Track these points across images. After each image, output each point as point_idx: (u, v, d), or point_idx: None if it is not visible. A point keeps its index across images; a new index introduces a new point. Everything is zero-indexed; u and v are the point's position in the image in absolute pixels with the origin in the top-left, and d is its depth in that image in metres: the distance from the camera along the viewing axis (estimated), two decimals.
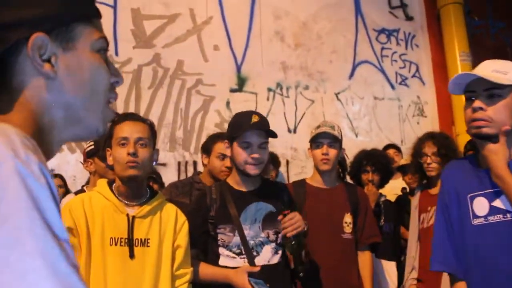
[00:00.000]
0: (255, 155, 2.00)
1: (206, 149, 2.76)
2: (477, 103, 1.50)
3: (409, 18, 5.94)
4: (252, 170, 2.01)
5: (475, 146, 2.93)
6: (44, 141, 0.68)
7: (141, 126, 1.76)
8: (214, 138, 2.77)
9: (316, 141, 2.54)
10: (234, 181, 2.13)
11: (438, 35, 5.90)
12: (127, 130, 1.72)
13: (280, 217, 1.96)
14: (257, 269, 1.90)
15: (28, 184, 0.50)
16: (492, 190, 1.54)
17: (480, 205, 1.57)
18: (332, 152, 2.51)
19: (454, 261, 1.67)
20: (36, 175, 0.52)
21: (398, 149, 4.04)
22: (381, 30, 5.68)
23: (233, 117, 2.18)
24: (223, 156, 2.62)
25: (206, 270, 2.01)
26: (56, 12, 0.67)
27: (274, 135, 2.06)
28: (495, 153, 1.47)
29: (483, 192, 1.57)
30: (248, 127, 2.00)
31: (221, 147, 2.61)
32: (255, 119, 2.03)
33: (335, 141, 2.51)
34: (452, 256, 1.68)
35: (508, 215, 1.50)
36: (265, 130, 2.03)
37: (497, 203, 1.53)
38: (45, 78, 0.67)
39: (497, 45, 6.32)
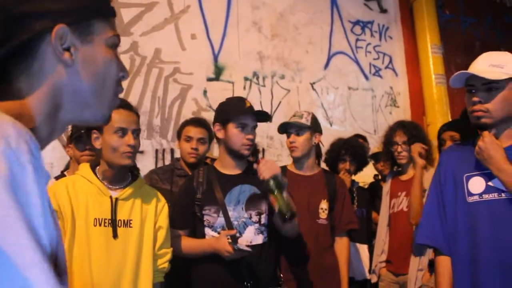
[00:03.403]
0: (250, 136, 2.11)
1: (178, 134, 2.92)
2: (476, 98, 1.64)
3: (383, 10, 6.06)
4: (246, 151, 2.12)
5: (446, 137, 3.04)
6: (51, 121, 0.76)
7: (135, 117, 1.84)
8: (184, 123, 2.93)
9: (286, 131, 2.66)
10: (221, 165, 2.22)
11: (411, 28, 6.04)
12: (125, 120, 1.79)
13: (255, 165, 2.05)
14: (234, 232, 2.00)
15: (13, 172, 0.55)
16: (489, 171, 1.64)
17: (476, 184, 1.68)
18: (299, 139, 2.61)
19: (441, 237, 1.78)
20: (22, 162, 0.57)
21: (364, 139, 4.17)
22: (356, 22, 5.78)
23: (225, 102, 2.28)
24: (189, 138, 2.77)
25: (190, 243, 2.10)
26: (78, 8, 0.76)
27: (266, 119, 2.25)
28: (490, 149, 1.59)
29: (480, 172, 1.68)
30: (245, 110, 2.15)
31: (188, 130, 2.78)
32: (248, 104, 2.18)
33: (301, 129, 2.61)
34: (439, 232, 1.79)
35: (503, 194, 1.61)
36: (261, 114, 2.23)
37: (494, 182, 1.64)
38: (63, 65, 0.75)
39: (467, 39, 6.52)
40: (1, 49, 0.72)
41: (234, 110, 2.16)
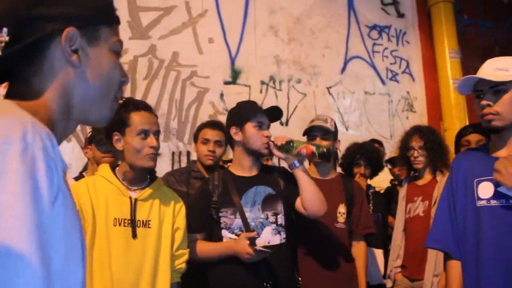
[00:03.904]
0: (268, 133, 2.16)
1: (195, 137, 2.96)
2: (484, 101, 1.67)
3: (400, 15, 6.05)
4: (265, 149, 2.15)
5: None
6: (65, 119, 0.81)
7: (155, 118, 1.89)
8: (200, 126, 2.96)
9: (310, 134, 2.66)
10: (236, 167, 2.25)
11: (428, 32, 6.01)
12: (147, 122, 1.83)
13: (270, 143, 2.13)
14: (254, 234, 2.02)
15: (29, 166, 0.61)
16: None
17: (485, 189, 1.69)
18: (325, 144, 2.62)
19: (451, 241, 1.79)
20: (35, 158, 0.63)
21: (380, 143, 4.16)
22: (373, 26, 5.78)
23: (237, 106, 2.32)
24: (206, 141, 2.81)
25: (208, 247, 2.12)
26: (88, 14, 0.82)
27: (279, 116, 2.28)
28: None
29: (489, 177, 1.67)
30: (260, 109, 2.21)
31: (205, 132, 2.83)
32: (259, 105, 2.25)
33: (327, 133, 2.62)
34: (450, 237, 1.80)
35: (511, 201, 1.61)
36: (274, 110, 2.25)
37: (503, 189, 1.63)
38: (71, 66, 0.81)
39: (485, 43, 6.46)
40: (14, 47, 0.75)
41: (250, 110, 2.21)
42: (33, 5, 0.77)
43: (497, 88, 1.65)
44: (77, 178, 2.60)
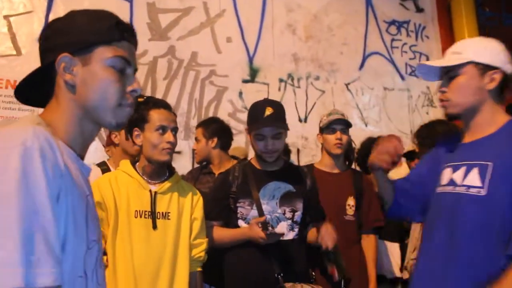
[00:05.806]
0: (269, 146, 2.15)
1: None
2: (439, 87, 1.62)
3: (419, 9, 6.01)
4: (268, 158, 2.18)
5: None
6: (80, 124, 0.96)
7: (173, 116, 1.97)
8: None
9: (329, 127, 2.71)
10: (256, 161, 2.30)
11: (448, 27, 5.95)
12: (165, 119, 1.91)
13: (314, 230, 2.14)
14: (263, 218, 2.08)
15: (23, 164, 0.75)
16: (458, 163, 1.58)
17: (445, 175, 1.62)
18: (344, 138, 2.70)
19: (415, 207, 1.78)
20: (32, 157, 0.76)
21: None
22: (392, 22, 5.76)
23: (250, 108, 2.29)
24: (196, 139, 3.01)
25: (223, 233, 2.20)
26: (79, 39, 0.95)
27: (285, 127, 2.18)
28: None
29: (452, 164, 1.61)
30: (261, 123, 2.13)
31: (196, 132, 3.02)
32: (268, 111, 2.13)
33: (347, 127, 2.69)
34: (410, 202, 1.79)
35: (457, 189, 1.53)
36: (276, 125, 2.15)
37: (455, 175, 1.56)
38: (69, 84, 0.95)
39: (509, 37, 6.34)
40: (37, 70, 0.96)
41: (252, 121, 2.21)
42: (42, 42, 0.97)
43: (450, 74, 1.58)
44: (99, 165, 2.63)
